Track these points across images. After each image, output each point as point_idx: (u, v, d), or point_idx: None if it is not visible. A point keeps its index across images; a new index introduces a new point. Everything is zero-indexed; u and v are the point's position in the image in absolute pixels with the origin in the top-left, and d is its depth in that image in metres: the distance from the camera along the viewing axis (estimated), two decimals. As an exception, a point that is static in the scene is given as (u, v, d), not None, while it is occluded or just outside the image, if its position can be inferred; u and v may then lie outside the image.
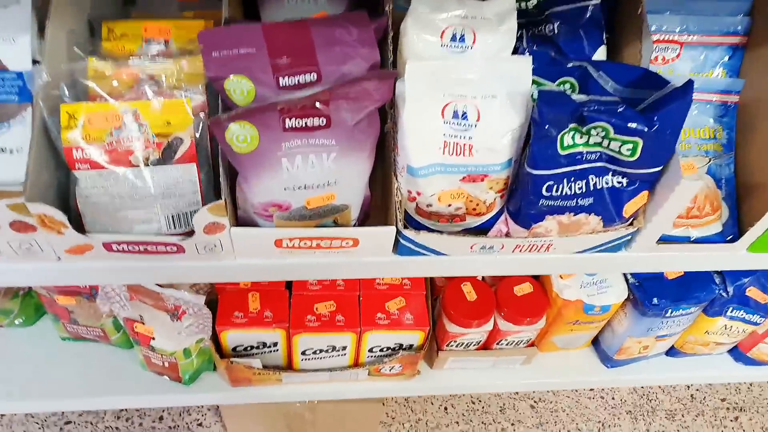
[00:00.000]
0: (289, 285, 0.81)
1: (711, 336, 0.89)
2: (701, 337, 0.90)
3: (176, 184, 0.55)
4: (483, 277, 0.90)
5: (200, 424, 1.14)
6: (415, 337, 0.81)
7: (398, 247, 0.59)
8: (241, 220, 0.58)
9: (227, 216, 0.53)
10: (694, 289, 0.82)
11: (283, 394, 0.89)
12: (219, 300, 0.80)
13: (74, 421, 1.12)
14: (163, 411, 1.15)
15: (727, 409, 1.25)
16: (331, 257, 0.59)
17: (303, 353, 0.82)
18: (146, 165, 0.54)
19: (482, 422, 1.18)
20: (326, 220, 0.57)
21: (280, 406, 1.01)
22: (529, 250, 0.60)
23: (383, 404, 1.02)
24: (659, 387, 1.26)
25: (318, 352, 0.82)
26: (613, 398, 1.24)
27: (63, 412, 1.12)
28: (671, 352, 0.95)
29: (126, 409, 1.14)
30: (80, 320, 0.86)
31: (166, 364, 0.85)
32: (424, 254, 0.60)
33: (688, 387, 1.27)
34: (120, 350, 0.91)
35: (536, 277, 0.88)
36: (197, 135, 0.55)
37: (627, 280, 0.84)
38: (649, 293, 0.81)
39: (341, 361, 0.85)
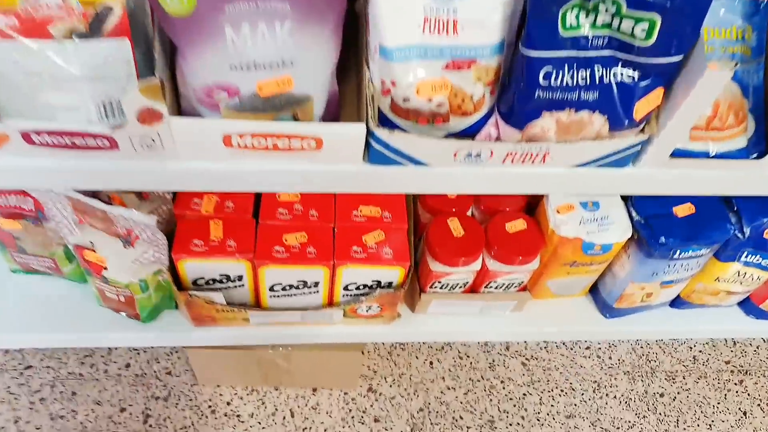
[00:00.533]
0: (256, 214, 0.73)
1: (722, 284, 0.81)
2: (711, 285, 0.82)
3: (106, 64, 0.47)
4: (472, 213, 0.81)
5: (169, 373, 1.07)
6: (394, 273, 0.73)
7: (369, 153, 0.51)
8: (185, 112, 0.50)
9: (164, 102, 0.45)
10: (706, 229, 0.74)
11: (251, 335, 0.82)
12: (177, 227, 0.72)
13: (35, 366, 1.05)
14: (131, 358, 1.07)
15: (731, 371, 1.17)
16: (291, 163, 0.51)
17: (271, 289, 0.75)
18: (69, 38, 0.45)
19: (469, 378, 1.11)
20: (284, 114, 0.49)
21: (251, 353, 0.94)
22: (522, 161, 0.52)
23: (363, 353, 0.95)
24: (659, 347, 1.19)
25: (288, 288, 0.75)
26: (610, 358, 1.17)
27: (23, 356, 1.05)
28: (677, 302, 0.88)
29: (90, 355, 1.07)
30: (28, 249, 0.78)
31: (122, 299, 0.77)
32: (400, 163, 0.52)
33: (691, 348, 1.20)
34: (74, 285, 0.83)
35: (530, 214, 0.80)
36: (131, 4, 0.46)
37: (631, 217, 0.76)
38: (656, 231, 0.73)
39: (314, 299, 0.77)
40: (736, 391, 1.15)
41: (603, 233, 0.74)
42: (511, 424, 1.07)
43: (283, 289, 0.75)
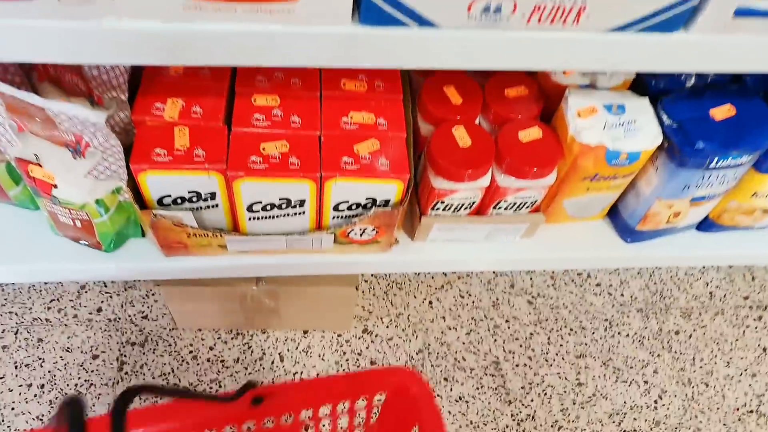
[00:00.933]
0: (228, 122, 0.63)
1: (759, 200, 0.72)
2: (746, 203, 0.73)
3: None
4: (480, 124, 0.71)
5: (145, 317, 0.98)
6: (391, 188, 0.64)
7: (361, 9, 0.40)
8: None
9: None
10: (748, 133, 0.64)
11: (230, 266, 0.72)
12: (136, 134, 0.61)
13: (-5, 311, 0.95)
14: (102, 302, 0.98)
15: (750, 307, 1.10)
16: (259, 23, 0.41)
17: (250, 209, 0.65)
18: None
19: (472, 318, 1.03)
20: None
21: (232, 289, 0.85)
22: (551, 20, 0.41)
23: (357, 288, 0.86)
24: (674, 283, 1.11)
25: (269, 208, 0.65)
26: (621, 295, 1.09)
27: (-18, 300, 0.96)
28: (704, 225, 0.79)
29: (57, 299, 0.97)
30: (-35, 167, 0.67)
31: (79, 224, 0.67)
32: (400, 23, 0.41)
33: (707, 284, 1.12)
34: (24, 211, 0.73)
35: (547, 123, 0.70)
36: None
37: (661, 122, 0.66)
38: (692, 136, 0.63)
39: (300, 222, 0.67)
40: (755, 327, 1.08)
41: (630, 140, 0.65)
42: (517, 365, 0.99)
43: (264, 208, 0.65)
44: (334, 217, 0.67)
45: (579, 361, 1.00)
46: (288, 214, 0.66)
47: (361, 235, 0.69)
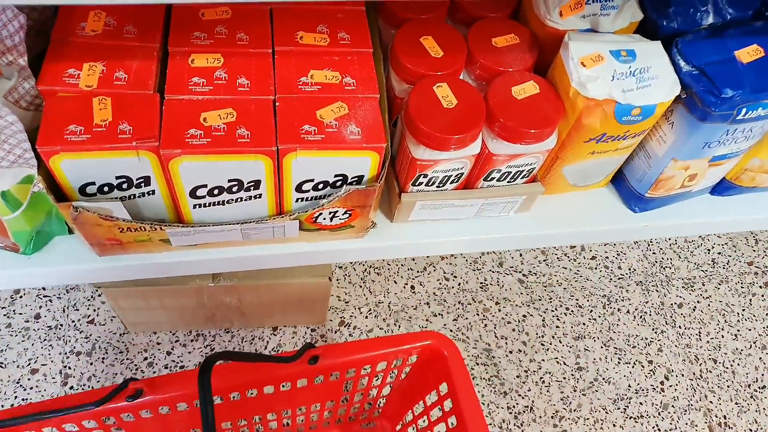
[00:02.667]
0: (161, 88, 0.51)
1: (785, 156, 0.63)
2: (769, 160, 0.64)
3: None
4: (464, 77, 0.61)
5: (91, 321, 0.86)
6: (364, 162, 0.53)
7: None
8: None
9: None
10: (780, 76, 0.55)
11: (177, 264, 0.61)
12: (45, 109, 0.49)
13: None
14: (40, 307, 0.86)
15: (755, 273, 1.03)
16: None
17: (193, 195, 0.53)
18: None
19: (458, 302, 0.94)
20: None
21: (186, 288, 0.73)
22: None
23: (330, 279, 0.76)
24: (673, 251, 1.03)
25: (216, 192, 0.53)
26: (619, 267, 1.00)
27: None
28: (719, 187, 0.70)
29: (-12, 307, 0.85)
30: None
31: (-14, 223, 0.55)
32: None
33: (709, 250, 1.04)
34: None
35: (543, 75, 0.60)
36: None
37: (678, 68, 0.56)
38: (717, 83, 0.54)
39: (257, 208, 0.56)
40: (762, 295, 1.01)
41: (644, 91, 0.55)
42: (511, 352, 0.90)
43: (210, 193, 0.53)
44: (297, 200, 0.56)
45: (577, 344, 0.92)
46: (241, 199, 0.55)
47: (331, 219, 0.59)
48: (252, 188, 0.54)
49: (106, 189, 0.52)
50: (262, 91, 0.52)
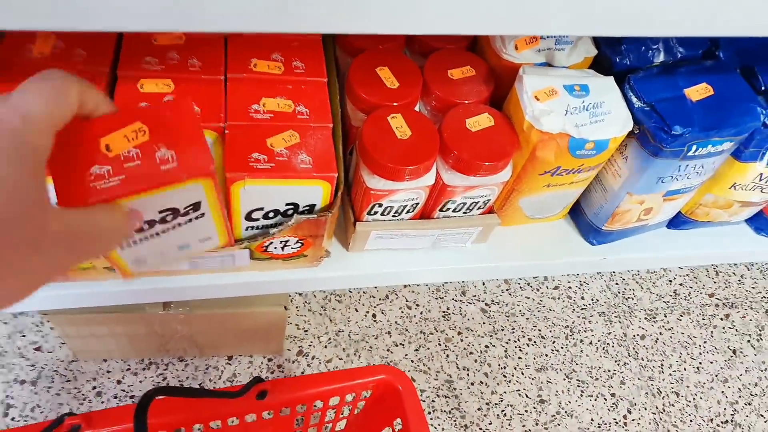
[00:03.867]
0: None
1: (737, 192, 0.64)
2: (723, 196, 0.65)
3: None
4: (419, 108, 0.61)
5: (38, 348, 0.83)
6: (315, 191, 0.52)
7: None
8: None
9: None
10: (729, 115, 0.55)
11: (124, 291, 0.59)
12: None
13: None
14: (-14, 334, 0.83)
15: (716, 305, 1.03)
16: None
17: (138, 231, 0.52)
18: None
19: (421, 331, 0.92)
20: None
21: (137, 316, 0.71)
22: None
23: (286, 308, 0.74)
24: (636, 282, 1.03)
25: (153, 224, 0.52)
26: (582, 298, 1.00)
27: None
28: (676, 221, 0.70)
29: (-70, 333, 0.81)
30: None
31: None
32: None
33: (671, 281, 1.05)
34: None
35: (498, 107, 0.60)
36: None
37: (630, 104, 0.57)
38: (668, 120, 0.54)
39: (200, 233, 0.55)
40: (723, 327, 1.01)
41: (597, 126, 0.55)
42: (473, 383, 0.89)
43: (149, 224, 0.52)
44: (247, 228, 0.55)
45: (540, 375, 0.91)
46: (180, 225, 0.53)
47: (282, 248, 0.57)
48: (192, 214, 0.52)
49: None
50: (212, 118, 0.51)
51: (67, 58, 0.52)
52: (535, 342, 0.94)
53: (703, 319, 1.01)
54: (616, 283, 1.02)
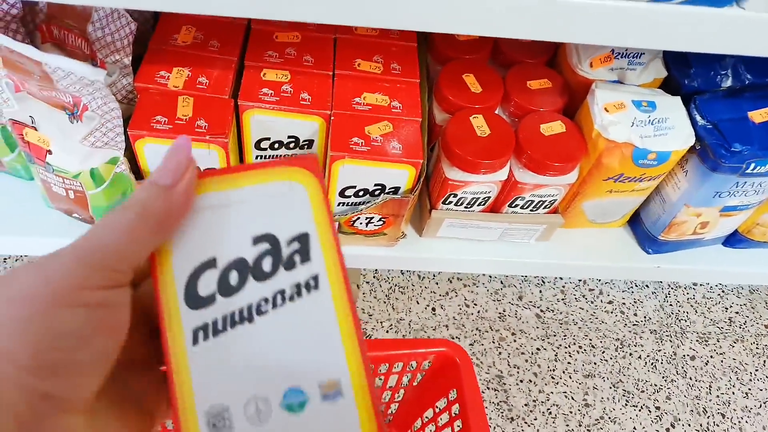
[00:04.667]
0: (235, 95, 0.60)
1: (793, 214, 0.68)
2: (780, 216, 0.69)
3: None
4: (498, 113, 0.68)
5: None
6: (402, 174, 0.60)
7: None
8: None
9: None
10: (787, 138, 0.60)
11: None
12: (138, 101, 0.58)
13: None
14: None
15: (771, 336, 1.05)
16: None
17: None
18: None
19: (476, 328, 0.98)
20: None
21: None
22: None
23: (358, 287, 0.82)
24: (690, 306, 1.06)
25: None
26: (635, 314, 1.04)
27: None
28: (732, 240, 0.74)
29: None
30: (-42, 127, 0.64)
31: (72, 195, 0.64)
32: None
33: (726, 309, 1.07)
34: (18, 181, 0.70)
35: (571, 117, 0.66)
36: None
37: (695, 122, 0.62)
38: (728, 138, 0.59)
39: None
40: (776, 358, 1.02)
41: (660, 138, 0.61)
42: (521, 381, 0.94)
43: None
44: (339, 204, 0.63)
45: (587, 381, 0.95)
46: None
47: (367, 224, 0.65)
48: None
49: (177, 175, 0.60)
50: (321, 105, 0.60)
51: (204, 47, 0.62)
52: (585, 350, 0.98)
53: (757, 348, 1.02)
54: (670, 305, 1.05)
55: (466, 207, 0.67)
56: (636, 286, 1.07)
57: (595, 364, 0.97)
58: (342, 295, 0.27)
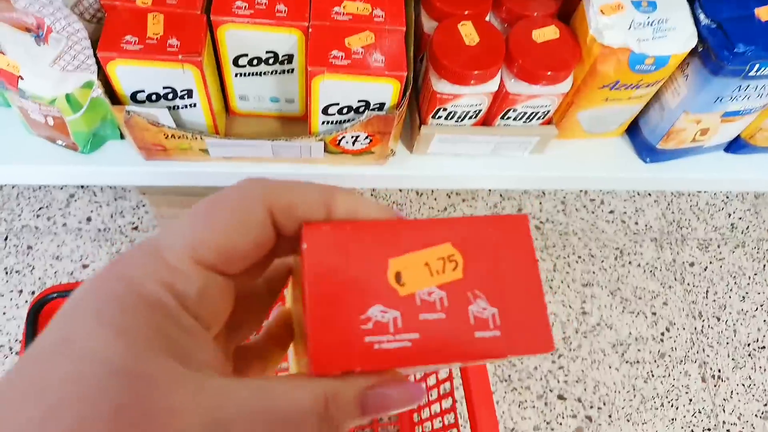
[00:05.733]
0: (208, 11, 0.56)
1: (799, 117, 0.65)
2: (783, 120, 0.66)
3: None
4: (489, 19, 0.64)
5: (135, 228, 0.95)
6: (386, 89, 0.57)
7: None
8: None
9: None
10: (795, 36, 0.56)
11: (213, 173, 0.67)
12: (105, 21, 0.55)
13: (-17, 217, 0.92)
14: (92, 212, 0.95)
15: (773, 241, 1.04)
16: None
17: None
18: None
19: (476, 241, 0.98)
20: None
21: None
22: None
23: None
24: (693, 213, 1.05)
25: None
26: (636, 223, 1.03)
27: (-32, 206, 0.93)
28: (735, 145, 0.72)
29: (46, 206, 0.94)
30: (-74, 55, 0.62)
31: (51, 122, 0.62)
32: None
33: (729, 215, 1.06)
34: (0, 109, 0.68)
35: (565, 22, 0.62)
36: None
37: (698, 22, 0.58)
38: (732, 38, 0.56)
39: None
40: (777, 262, 1.02)
41: (659, 41, 0.57)
42: (520, 291, 0.95)
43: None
44: (323, 122, 0.61)
45: (585, 290, 0.96)
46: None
47: (353, 143, 0.64)
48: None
49: (154, 98, 0.58)
50: (298, 17, 0.56)
51: (162, 1, 0.56)
52: (584, 260, 0.99)
53: (758, 253, 1.02)
54: (672, 212, 1.04)
55: (456, 121, 0.65)
56: (638, 195, 1.06)
57: (593, 273, 0.97)
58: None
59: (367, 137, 0.63)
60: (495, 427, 0.56)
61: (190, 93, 0.58)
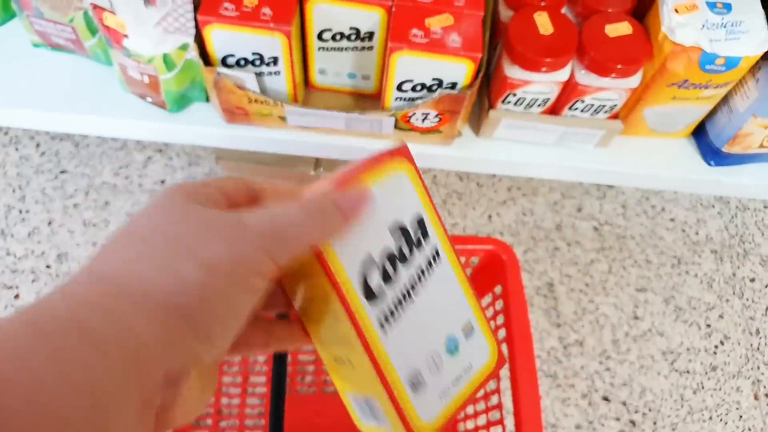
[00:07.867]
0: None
1: None
2: None
3: None
4: (565, 12, 0.66)
5: (208, 194, 1.00)
6: (460, 69, 0.60)
7: None
8: None
9: None
10: None
11: (288, 141, 0.72)
12: (206, -11, 0.60)
13: (70, 171, 1.00)
14: (167, 175, 1.01)
15: (841, 265, 1.01)
16: None
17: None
18: None
19: (531, 237, 1.00)
20: None
21: (290, 171, 0.85)
22: None
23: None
24: (757, 228, 1.03)
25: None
26: (696, 233, 1.02)
27: (59, 160, 1.01)
28: (803, 155, 0.71)
29: (126, 166, 1.01)
30: (45, 11, 0.69)
31: (146, 79, 0.68)
32: None
33: (796, 234, 1.03)
34: (98, 66, 0.75)
35: (639, 21, 0.64)
36: None
37: (775, 25, 0.59)
38: (807, 41, 0.56)
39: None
40: (844, 286, 0.99)
41: (731, 43, 0.58)
42: (572, 290, 0.96)
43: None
44: (397, 98, 0.65)
45: (638, 295, 0.96)
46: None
47: (423, 121, 0.67)
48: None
49: (242, 62, 0.63)
50: (382, -3, 0.60)
51: None
52: (640, 265, 0.98)
53: (823, 275, 1.00)
54: (736, 226, 1.03)
55: (525, 107, 0.67)
56: (701, 205, 1.04)
57: (649, 278, 0.97)
58: (451, 254, 0.33)
59: (437, 115, 0.66)
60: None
61: (275, 60, 0.62)
